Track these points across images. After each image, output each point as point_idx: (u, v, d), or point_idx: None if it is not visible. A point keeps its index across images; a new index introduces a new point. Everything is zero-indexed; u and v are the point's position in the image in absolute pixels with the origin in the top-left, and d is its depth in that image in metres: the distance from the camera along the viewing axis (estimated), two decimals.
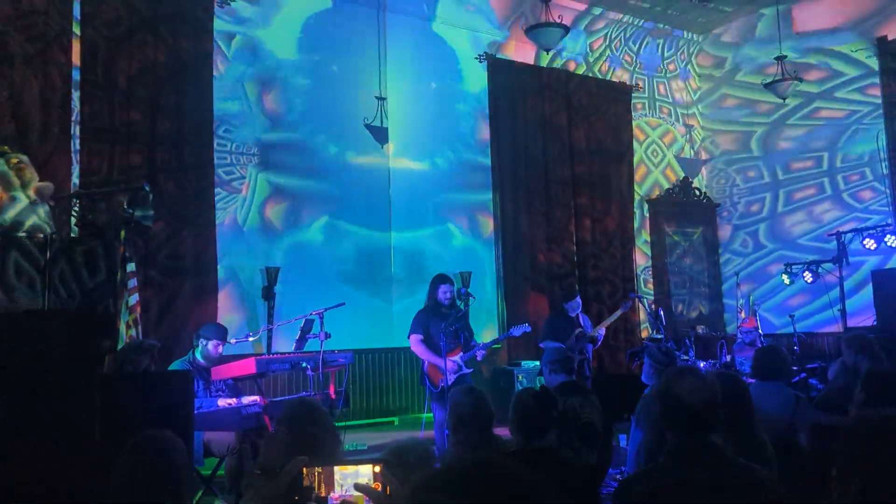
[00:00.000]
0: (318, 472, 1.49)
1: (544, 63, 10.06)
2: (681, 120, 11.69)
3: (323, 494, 1.49)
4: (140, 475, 2.23)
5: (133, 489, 2.21)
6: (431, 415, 6.51)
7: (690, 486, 2.18)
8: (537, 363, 8.51)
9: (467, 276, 9.10)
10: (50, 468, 3.22)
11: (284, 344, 7.41)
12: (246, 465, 4.86)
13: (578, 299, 7.80)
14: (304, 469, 1.49)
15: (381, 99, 9.04)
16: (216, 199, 7.54)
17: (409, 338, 6.55)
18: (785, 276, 9.50)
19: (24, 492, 3.21)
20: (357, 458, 1.59)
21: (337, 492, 1.48)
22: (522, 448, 3.21)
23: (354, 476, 1.48)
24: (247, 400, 5.45)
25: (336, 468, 1.50)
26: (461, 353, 6.49)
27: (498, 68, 9.69)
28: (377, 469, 1.49)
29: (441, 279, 6.65)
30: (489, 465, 1.18)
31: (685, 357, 7.82)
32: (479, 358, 6.89)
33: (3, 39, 6.25)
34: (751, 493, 2.19)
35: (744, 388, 3.50)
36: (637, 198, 10.80)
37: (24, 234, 3.52)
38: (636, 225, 10.67)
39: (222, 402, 5.28)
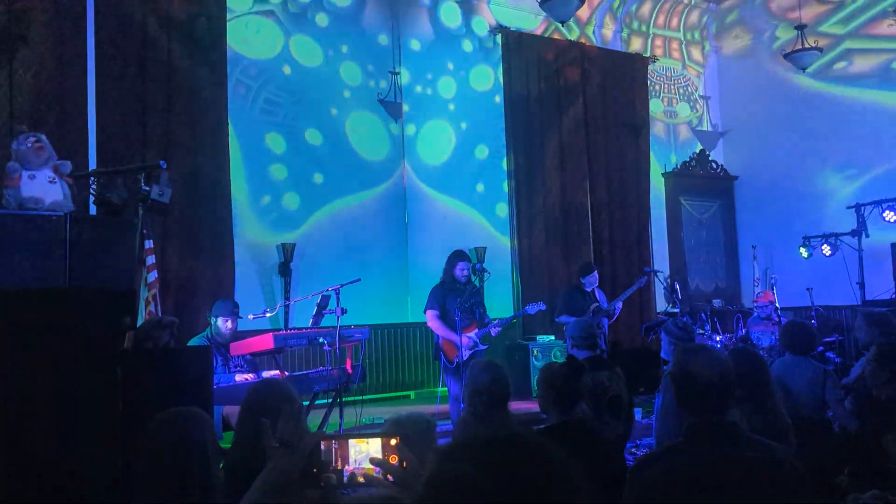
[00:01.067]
0: (335, 446, 1.51)
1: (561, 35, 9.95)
2: (698, 91, 11.55)
3: (339, 468, 1.50)
4: (169, 450, 2.27)
5: (162, 464, 2.26)
6: (446, 389, 6.56)
7: (706, 465, 2.15)
8: (552, 338, 8.55)
9: (482, 252, 9.11)
10: (73, 442, 3.29)
11: (301, 319, 7.47)
12: (266, 440, 4.93)
13: (595, 274, 7.78)
14: (322, 442, 1.51)
15: (395, 73, 9.01)
16: (231, 173, 7.56)
17: (424, 313, 6.60)
18: (803, 249, 9.43)
19: (49, 465, 3.28)
20: (369, 431, 1.61)
21: (351, 465, 1.49)
22: (559, 422, 3.22)
23: (367, 448, 1.50)
24: (267, 374, 5.52)
25: (350, 441, 1.51)
26: (476, 330, 6.52)
27: (511, 41, 9.60)
28: (393, 442, 1.50)
29: (459, 256, 6.68)
30: (520, 440, 1.18)
31: (701, 331, 7.81)
32: (493, 334, 6.92)
33: (20, 18, 6.27)
34: (769, 471, 2.15)
35: (761, 363, 3.48)
36: (653, 170, 10.71)
37: (43, 213, 3.56)
38: (651, 198, 10.59)
39: (239, 378, 5.35)
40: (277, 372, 5.48)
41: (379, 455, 1.48)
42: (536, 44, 9.79)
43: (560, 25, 9.18)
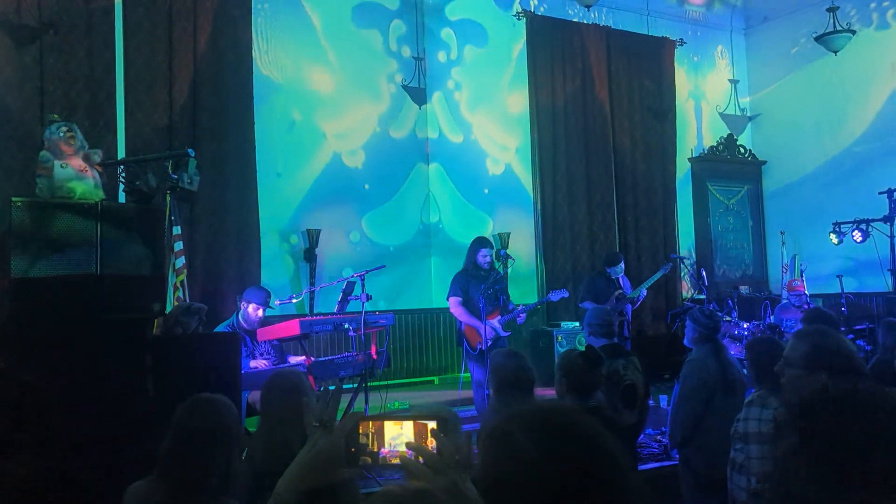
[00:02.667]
0: (371, 429, 1.52)
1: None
2: (726, 74, 11.38)
3: (375, 449, 1.51)
4: (195, 435, 2.31)
5: (187, 449, 2.29)
6: (469, 375, 6.58)
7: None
8: (577, 324, 8.52)
9: (506, 238, 9.10)
10: (104, 426, 3.36)
11: (326, 305, 7.53)
12: (307, 419, 4.99)
13: (622, 264, 7.73)
14: (362, 423, 1.53)
15: (418, 59, 8.99)
16: (257, 160, 7.61)
17: (447, 299, 6.60)
18: (833, 236, 9.28)
19: (80, 448, 3.36)
20: (403, 414, 1.61)
21: (386, 447, 1.50)
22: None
23: (400, 431, 1.51)
24: (294, 360, 5.59)
25: (386, 423, 1.52)
26: (499, 317, 6.51)
27: (536, 25, 9.53)
28: (430, 426, 1.51)
29: (481, 242, 6.67)
30: (568, 411, 1.25)
31: (728, 318, 7.75)
32: (520, 322, 6.91)
33: (50, 8, 6.35)
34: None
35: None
36: (679, 155, 10.59)
37: (75, 201, 3.63)
38: (678, 183, 10.48)
39: (254, 364, 5.42)
40: (304, 357, 5.54)
41: (412, 439, 1.49)
42: (561, 27, 9.70)
43: (587, 9, 9.08)
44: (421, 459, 1.42)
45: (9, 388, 3.54)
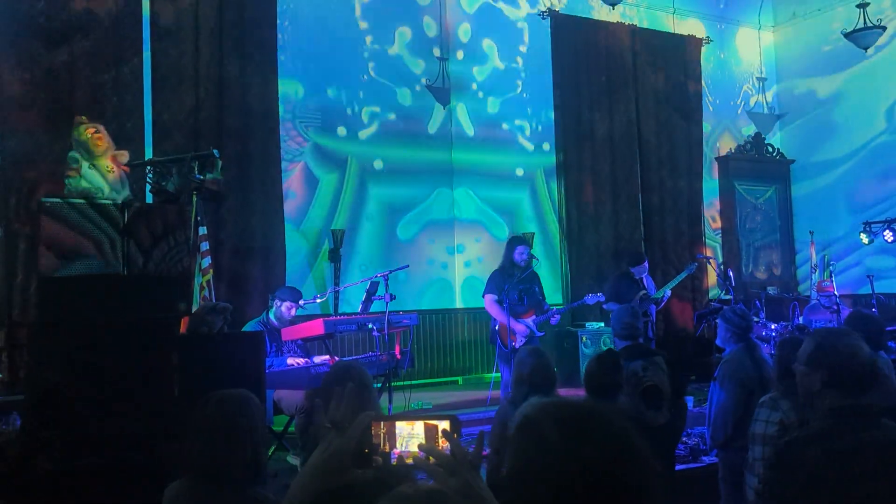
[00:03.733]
0: (384, 429, 1.51)
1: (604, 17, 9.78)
2: (754, 72, 11.24)
3: (387, 450, 1.51)
4: (219, 431, 2.32)
5: (211, 444, 2.30)
6: (496, 375, 6.59)
7: (864, 447, 2.17)
8: (601, 324, 8.46)
9: (530, 238, 9.06)
10: (131, 424, 3.40)
11: (350, 305, 7.56)
12: (316, 421, 5.02)
13: (646, 264, 7.68)
14: (375, 423, 1.53)
15: (443, 59, 8.99)
16: (282, 161, 7.65)
17: (483, 297, 6.66)
18: (863, 236, 9.13)
19: (107, 444, 3.40)
20: (415, 414, 1.61)
21: (398, 448, 1.50)
22: None
23: (411, 431, 1.50)
24: (318, 359, 5.61)
25: (397, 423, 1.52)
26: (534, 316, 6.55)
27: (560, 23, 9.48)
28: (442, 427, 1.50)
29: (518, 240, 6.78)
30: (597, 407, 1.26)
31: (756, 319, 7.64)
32: (553, 322, 6.96)
33: (79, 12, 6.44)
34: None
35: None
36: (706, 154, 10.48)
37: (103, 201, 3.67)
38: (704, 182, 10.37)
39: (291, 361, 5.46)
40: (328, 357, 5.56)
41: (423, 440, 1.49)
42: (586, 26, 9.64)
43: (611, 8, 9.00)
44: (432, 460, 1.42)
45: (37, 386, 3.60)
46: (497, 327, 6.59)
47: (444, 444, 1.46)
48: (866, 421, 2.23)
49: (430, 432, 1.49)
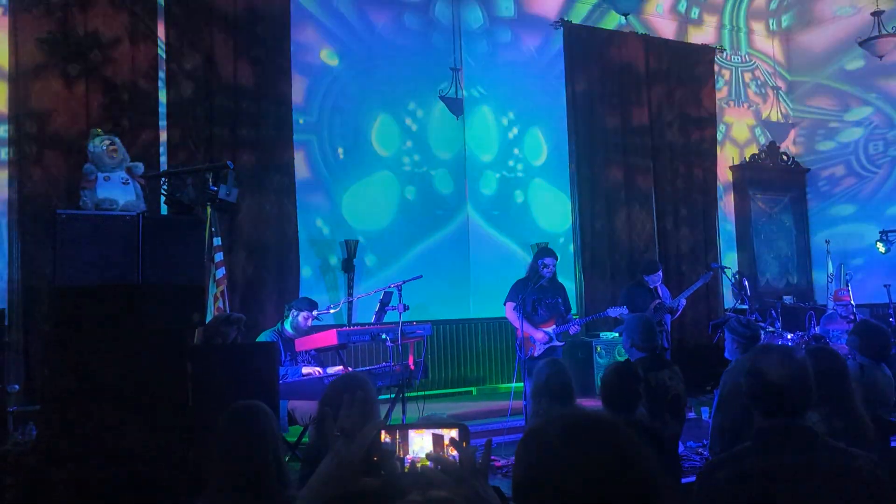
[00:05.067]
0: (398, 436, 1.54)
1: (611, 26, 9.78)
2: (769, 81, 11.19)
3: (402, 455, 1.54)
4: (242, 443, 2.34)
5: (236, 457, 2.32)
6: (511, 385, 6.58)
7: (778, 472, 2.07)
8: (615, 334, 8.42)
9: (544, 248, 9.03)
10: (145, 433, 3.41)
11: (364, 315, 7.56)
12: (328, 429, 5.02)
13: (660, 273, 7.65)
14: (384, 431, 1.53)
15: (456, 70, 9.00)
16: (296, 171, 7.68)
17: (504, 304, 6.69)
18: (880, 244, 9.04)
19: (122, 453, 3.41)
20: (423, 423, 1.65)
21: (411, 455, 1.53)
22: None
23: (421, 439, 1.54)
24: (332, 370, 5.62)
25: (411, 432, 1.55)
26: (555, 326, 6.57)
27: (574, 34, 9.48)
28: (449, 435, 1.51)
29: (545, 252, 6.82)
30: (607, 420, 1.27)
31: (771, 329, 7.57)
32: (572, 333, 6.97)
33: (95, 24, 6.51)
34: (845, 478, 2.04)
35: (841, 363, 3.32)
36: (721, 163, 10.43)
37: (117, 213, 3.70)
38: (719, 191, 10.32)
39: (306, 370, 5.47)
40: (341, 368, 5.56)
41: (431, 448, 1.50)
42: (599, 36, 9.64)
43: (624, 19, 9.01)
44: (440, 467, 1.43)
45: (53, 397, 3.62)
46: (521, 336, 6.64)
47: (452, 452, 1.49)
48: (788, 442, 2.12)
49: (438, 441, 1.52)
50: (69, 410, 3.49)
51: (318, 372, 5.49)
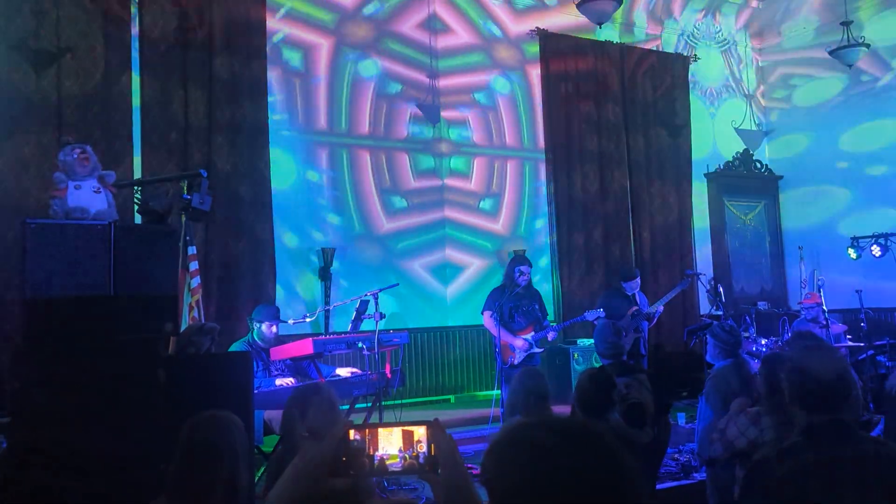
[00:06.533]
0: (368, 434, 1.57)
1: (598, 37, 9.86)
2: (741, 89, 11.34)
3: (371, 453, 1.56)
4: (199, 451, 2.32)
5: (191, 465, 2.30)
6: (491, 392, 6.60)
7: (834, 464, 2.17)
8: (593, 341, 8.45)
9: (522, 254, 9.05)
10: (117, 446, 3.36)
11: (341, 324, 7.53)
12: (296, 429, 4.99)
13: (638, 280, 7.71)
14: (353, 430, 1.55)
15: (433, 77, 9.02)
16: (272, 180, 7.64)
17: (482, 314, 6.71)
18: (851, 251, 9.18)
19: (93, 467, 3.36)
20: (391, 422, 1.69)
21: (381, 452, 1.56)
22: None
23: (390, 437, 1.57)
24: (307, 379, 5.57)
25: (379, 429, 1.58)
26: (533, 333, 6.61)
27: (550, 43, 9.55)
28: (421, 431, 1.57)
29: (520, 260, 6.87)
30: (590, 424, 1.29)
31: (746, 334, 7.66)
32: (550, 339, 7.00)
33: (67, 32, 6.45)
34: (887, 466, 2.17)
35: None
36: (695, 171, 10.53)
37: (89, 222, 3.65)
38: (694, 199, 10.41)
39: (280, 382, 5.43)
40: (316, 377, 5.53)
41: (401, 444, 1.55)
42: (574, 44, 9.72)
43: (599, 27, 9.08)
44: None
45: (23, 408, 3.56)
46: (499, 344, 6.65)
47: (420, 448, 1.54)
48: (837, 436, 2.24)
49: (408, 438, 1.56)
50: (39, 423, 3.44)
51: (291, 383, 5.45)
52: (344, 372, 5.62)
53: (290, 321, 5.93)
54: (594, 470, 1.20)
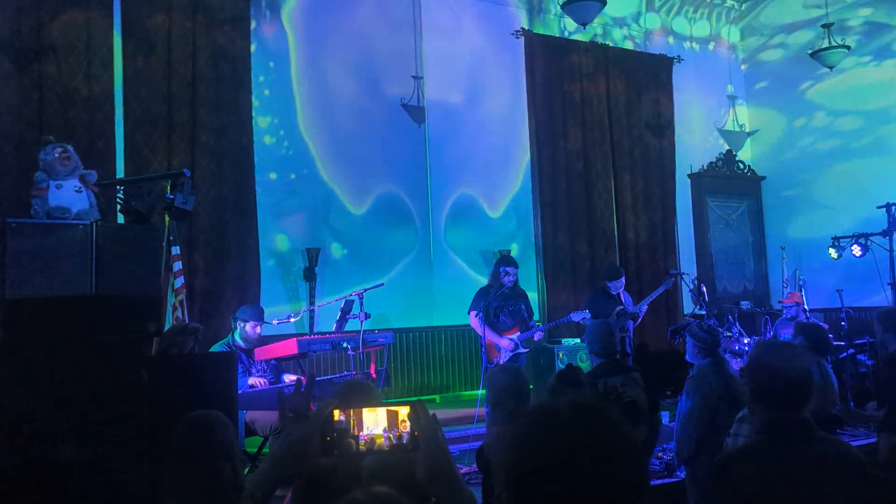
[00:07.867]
0: (353, 415, 1.58)
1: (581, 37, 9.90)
2: (724, 90, 11.42)
3: (356, 433, 1.58)
4: (200, 451, 2.31)
5: (193, 465, 2.29)
6: (477, 392, 6.61)
7: (797, 461, 2.18)
8: (577, 340, 8.49)
9: (507, 254, 9.08)
10: (99, 445, 3.34)
11: (327, 324, 7.51)
12: (280, 409, 4.96)
13: (623, 279, 7.75)
14: (337, 410, 1.57)
15: (418, 78, 9.03)
16: (256, 180, 7.60)
17: (468, 314, 6.71)
18: (832, 250, 9.27)
19: (76, 465, 3.34)
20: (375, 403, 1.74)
21: (366, 432, 1.58)
22: None
23: (375, 417, 1.59)
24: (288, 379, 5.57)
25: (364, 410, 1.60)
26: (519, 333, 6.62)
27: (534, 43, 9.57)
28: (404, 412, 1.59)
29: (506, 261, 6.89)
30: (590, 406, 1.29)
31: (728, 333, 7.72)
32: (536, 339, 7.01)
33: (49, 28, 6.39)
34: (851, 466, 2.19)
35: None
36: (678, 172, 10.60)
37: (70, 222, 3.63)
38: (677, 199, 10.48)
39: (252, 381, 5.40)
40: (295, 378, 5.52)
41: (385, 425, 1.57)
42: (559, 45, 9.75)
43: (583, 28, 9.12)
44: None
45: (4, 411, 3.53)
46: (485, 344, 6.67)
47: (404, 428, 1.56)
48: (801, 435, 2.24)
49: (392, 418, 1.58)
50: (21, 423, 3.41)
51: (263, 383, 5.43)
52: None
53: (275, 321, 5.91)
54: (610, 445, 1.22)
